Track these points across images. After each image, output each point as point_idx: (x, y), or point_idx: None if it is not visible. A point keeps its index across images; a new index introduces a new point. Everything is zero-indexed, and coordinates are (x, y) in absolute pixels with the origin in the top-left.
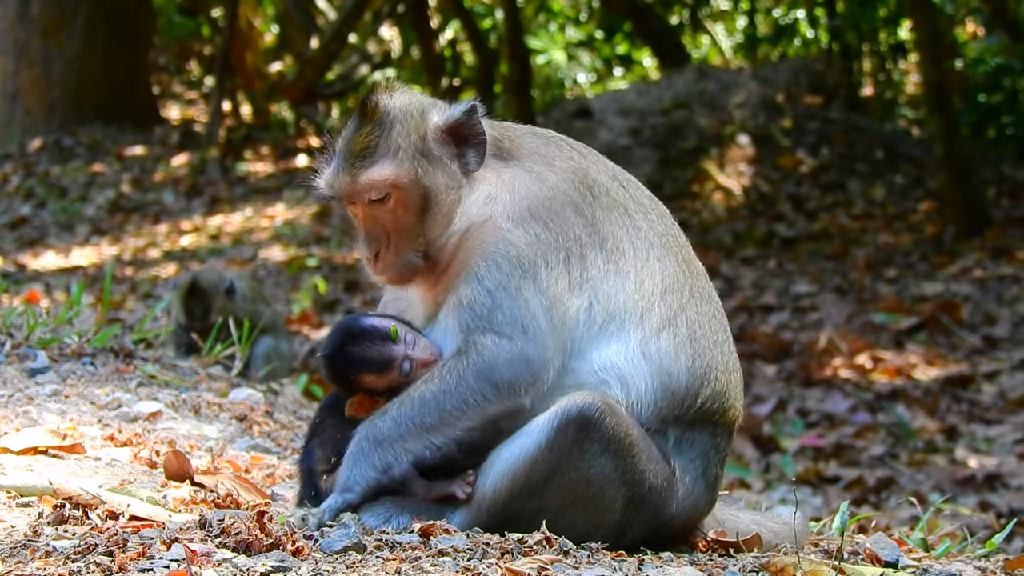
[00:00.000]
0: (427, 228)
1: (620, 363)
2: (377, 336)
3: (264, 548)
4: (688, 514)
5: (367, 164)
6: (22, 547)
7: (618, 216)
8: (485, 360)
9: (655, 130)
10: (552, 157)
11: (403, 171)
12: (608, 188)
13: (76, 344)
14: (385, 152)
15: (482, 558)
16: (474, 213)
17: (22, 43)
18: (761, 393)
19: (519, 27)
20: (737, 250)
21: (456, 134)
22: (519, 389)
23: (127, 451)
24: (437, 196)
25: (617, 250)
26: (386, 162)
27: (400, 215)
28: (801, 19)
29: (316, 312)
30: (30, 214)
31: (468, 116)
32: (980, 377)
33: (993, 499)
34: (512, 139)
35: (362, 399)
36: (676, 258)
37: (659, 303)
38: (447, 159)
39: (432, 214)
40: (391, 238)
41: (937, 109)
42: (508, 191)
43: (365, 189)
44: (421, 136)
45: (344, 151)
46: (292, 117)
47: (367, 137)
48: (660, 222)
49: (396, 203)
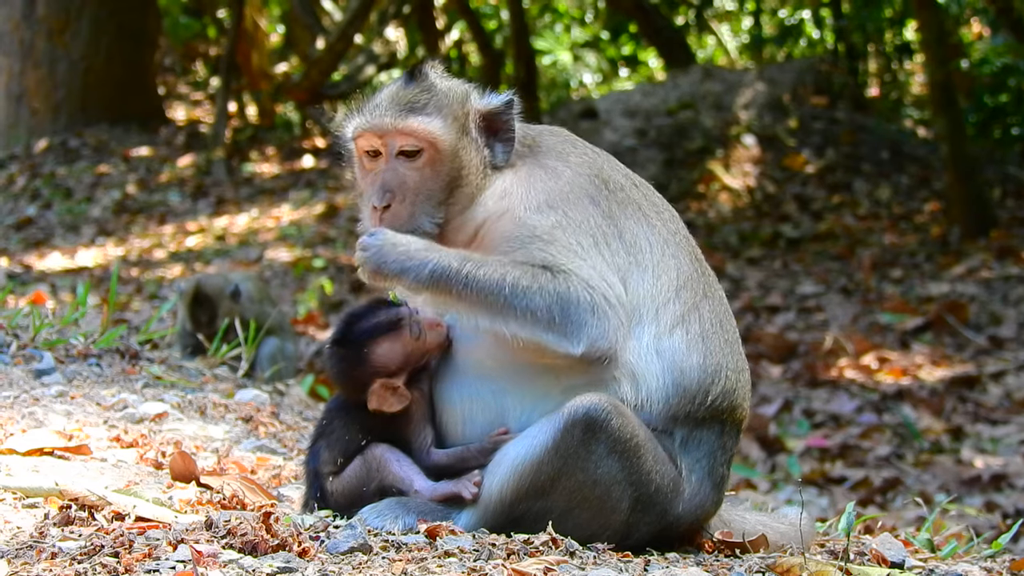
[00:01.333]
0: (450, 202)
1: (633, 359)
2: (378, 304)
3: (270, 549)
4: (694, 515)
5: (416, 111)
6: (28, 548)
7: (633, 212)
8: (571, 291)
9: (661, 131)
10: (567, 154)
11: (448, 133)
12: (623, 185)
13: (82, 345)
14: (435, 110)
15: (488, 559)
16: (490, 206)
17: (27, 44)
18: (767, 394)
19: (525, 28)
20: (743, 251)
21: (491, 123)
22: (584, 336)
23: (133, 452)
24: (467, 174)
25: (635, 244)
26: (436, 117)
27: (427, 176)
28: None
29: (322, 313)
30: (36, 215)
31: (506, 108)
32: (986, 377)
33: (999, 499)
34: (530, 137)
35: (382, 388)
36: (689, 256)
37: (674, 299)
38: (481, 144)
39: (457, 189)
40: (408, 196)
41: (943, 109)
42: (524, 185)
43: (406, 132)
44: (466, 113)
45: (389, 99)
46: (298, 118)
47: (416, 94)
48: (672, 222)
49: (427, 162)
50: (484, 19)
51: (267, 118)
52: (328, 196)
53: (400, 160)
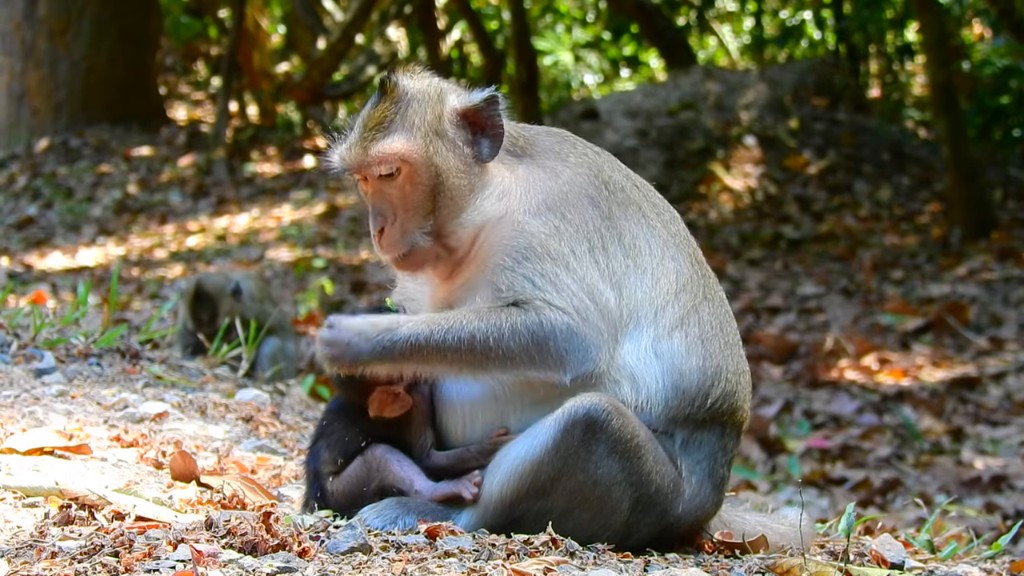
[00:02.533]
0: (437, 210)
1: (632, 362)
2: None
3: (270, 549)
4: (694, 515)
5: (380, 137)
6: (28, 547)
7: (633, 213)
8: (544, 324)
9: (662, 131)
10: (566, 154)
11: (415, 146)
12: (623, 185)
13: (82, 345)
14: (399, 127)
15: (488, 559)
16: (489, 209)
17: (28, 44)
18: (768, 394)
19: (526, 28)
20: (743, 251)
21: (473, 120)
22: (568, 364)
23: (133, 452)
24: (448, 178)
25: (634, 246)
26: (399, 136)
27: (409, 192)
28: (808, 21)
29: (323, 313)
30: (37, 214)
31: (487, 104)
32: (986, 379)
33: (999, 501)
34: (527, 137)
35: (382, 395)
36: (690, 259)
37: (673, 302)
38: (461, 143)
39: (442, 196)
40: (397, 215)
41: (944, 111)
42: (523, 186)
43: (375, 161)
44: (437, 116)
45: (359, 125)
46: (299, 118)
47: (383, 113)
48: (673, 223)
49: (405, 179)
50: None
51: (268, 118)
52: (329, 196)
53: (383, 182)
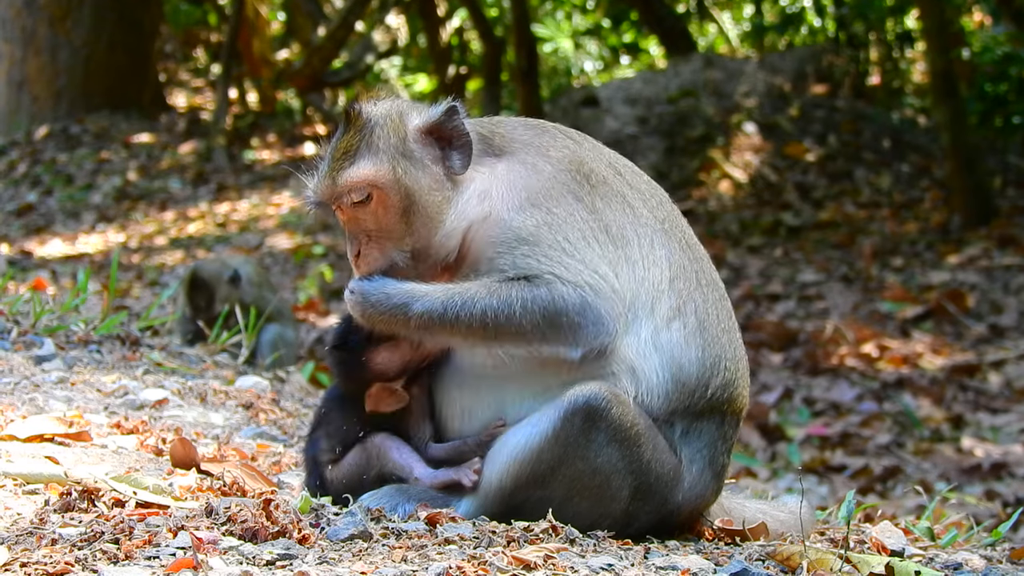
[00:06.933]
0: (413, 229)
1: (631, 355)
2: None
3: (270, 536)
4: (694, 503)
5: (347, 166)
6: (28, 534)
7: (618, 204)
8: (556, 298)
9: (662, 119)
10: (546, 147)
11: (383, 170)
12: (605, 176)
13: (82, 331)
14: (365, 153)
15: (488, 546)
16: (471, 211)
17: (29, 31)
18: (767, 382)
19: (526, 15)
20: (743, 239)
21: (438, 135)
22: (580, 338)
23: (133, 439)
24: (420, 197)
25: (622, 237)
26: (365, 162)
27: (382, 215)
28: (808, 8)
29: (322, 300)
30: (37, 201)
31: (447, 117)
32: (986, 366)
33: (999, 488)
34: (503, 134)
35: (379, 391)
36: (679, 244)
37: (668, 291)
38: (430, 161)
39: (416, 215)
40: (372, 238)
41: (944, 98)
42: (504, 185)
43: (345, 190)
44: (401, 138)
45: (328, 158)
46: (299, 105)
47: (349, 142)
48: (660, 208)
49: (378, 203)
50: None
51: (268, 105)
52: None
53: (356, 209)
